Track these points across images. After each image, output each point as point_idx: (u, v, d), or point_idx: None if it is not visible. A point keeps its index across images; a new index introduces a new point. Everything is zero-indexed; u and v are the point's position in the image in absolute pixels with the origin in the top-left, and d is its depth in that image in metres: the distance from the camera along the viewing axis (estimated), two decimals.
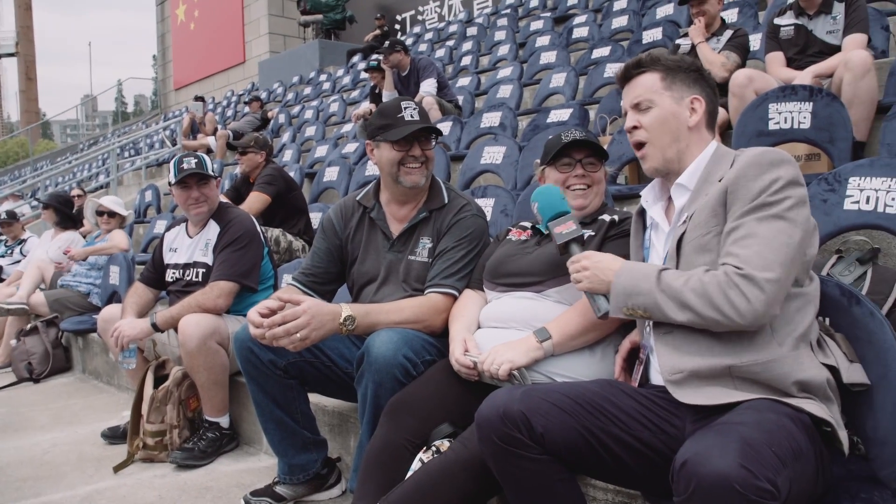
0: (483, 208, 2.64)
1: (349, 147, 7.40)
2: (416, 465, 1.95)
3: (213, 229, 3.51)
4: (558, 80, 6.83)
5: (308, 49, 16.70)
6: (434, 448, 1.96)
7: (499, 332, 2.14)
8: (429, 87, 6.94)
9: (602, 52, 7.37)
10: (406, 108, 2.50)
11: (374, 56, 8.24)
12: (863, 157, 3.38)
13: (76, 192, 8.45)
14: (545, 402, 1.66)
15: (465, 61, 10.31)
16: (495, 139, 5.01)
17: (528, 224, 2.45)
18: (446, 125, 6.33)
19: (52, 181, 14.71)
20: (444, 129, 6.04)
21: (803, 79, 3.84)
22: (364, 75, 11.54)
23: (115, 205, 5.93)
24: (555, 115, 5.34)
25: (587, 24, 8.96)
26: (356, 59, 14.21)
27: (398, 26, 17.60)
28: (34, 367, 5.21)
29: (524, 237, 2.38)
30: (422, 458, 1.95)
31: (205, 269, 3.47)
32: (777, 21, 4.26)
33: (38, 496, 2.94)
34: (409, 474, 1.93)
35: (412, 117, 2.48)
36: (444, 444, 1.96)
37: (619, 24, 8.39)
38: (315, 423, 2.69)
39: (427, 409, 2.06)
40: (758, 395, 1.58)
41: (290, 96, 14.47)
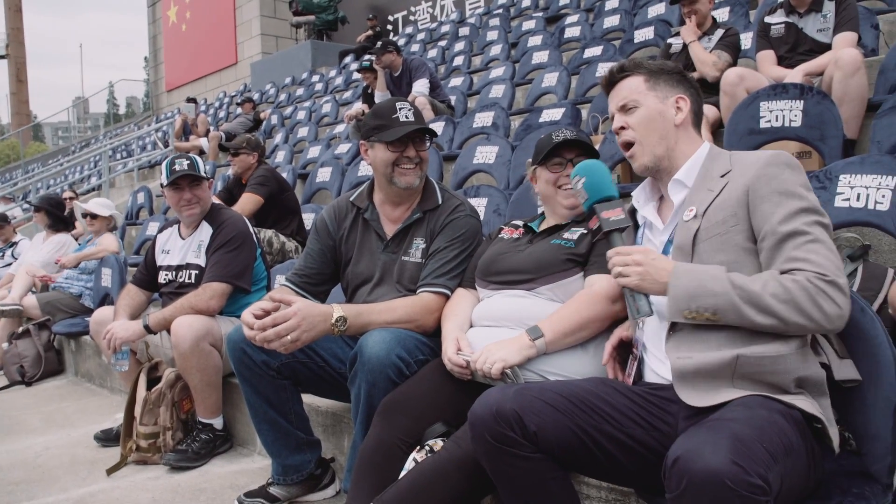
0: (476, 208, 2.63)
1: (342, 148, 7.39)
2: (409, 464, 1.95)
3: (205, 231, 3.51)
4: (550, 79, 6.84)
5: (300, 50, 16.69)
6: (427, 447, 1.96)
7: (491, 330, 2.14)
8: (421, 87, 6.94)
9: (594, 51, 7.39)
10: (401, 108, 2.49)
11: (367, 57, 8.25)
12: (853, 154, 3.39)
13: (68, 195, 8.42)
14: (538, 400, 1.66)
15: (458, 61, 10.32)
16: (488, 139, 5.01)
17: (519, 223, 2.45)
18: (439, 125, 6.33)
19: (43, 184, 14.70)
20: (436, 130, 6.03)
21: (794, 77, 3.86)
22: (356, 76, 11.55)
23: (99, 206, 5.84)
24: (547, 115, 5.35)
25: (579, 23, 8.99)
26: (348, 59, 14.21)
27: (390, 27, 17.60)
28: (26, 369, 5.19)
29: (516, 235, 2.38)
30: (415, 457, 1.95)
31: (197, 271, 3.46)
32: (768, 19, 4.28)
33: (30, 499, 2.93)
34: (402, 474, 1.93)
35: (407, 118, 2.48)
36: (438, 444, 1.96)
37: (611, 23, 8.41)
38: (308, 423, 2.69)
39: (420, 408, 2.06)
40: (751, 392, 1.59)
41: (283, 97, 14.45)
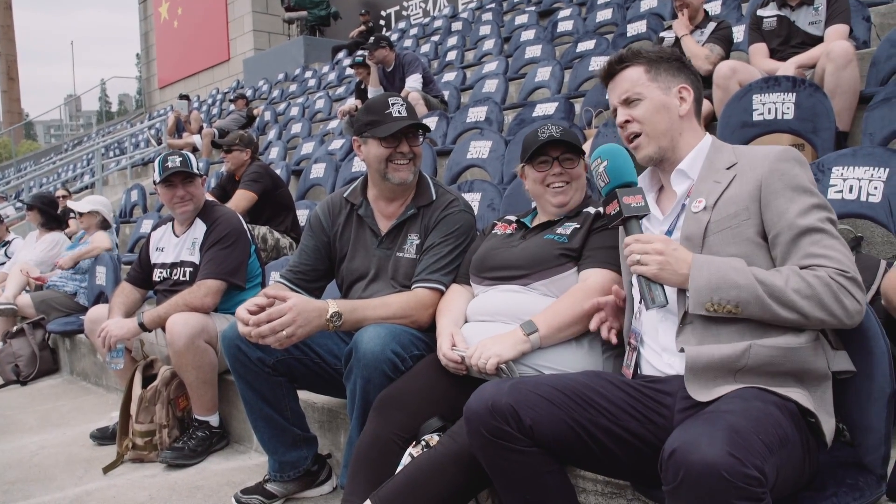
0: (470, 203, 2.63)
1: (335, 144, 7.38)
2: (405, 459, 1.95)
3: (199, 228, 3.50)
4: (543, 73, 6.84)
5: (293, 46, 16.64)
6: (423, 442, 1.97)
7: (486, 325, 2.14)
8: (414, 82, 6.92)
9: (587, 45, 7.39)
10: (393, 104, 2.48)
11: (360, 52, 8.24)
12: (846, 146, 3.40)
13: (61, 193, 8.39)
14: (533, 394, 1.66)
15: (451, 56, 10.31)
16: (481, 134, 5.01)
17: (512, 218, 2.45)
18: (432, 120, 6.32)
19: (36, 182, 14.64)
20: (429, 125, 6.03)
21: (786, 70, 3.87)
22: (349, 71, 11.51)
23: (87, 204, 5.82)
24: (540, 109, 5.35)
25: (572, 17, 8.98)
26: (341, 55, 14.18)
27: (383, 22, 17.55)
28: (21, 369, 5.18)
29: (509, 231, 2.38)
30: (411, 452, 1.95)
31: (192, 269, 3.46)
32: (760, 12, 4.28)
33: (27, 498, 2.93)
34: (398, 469, 1.93)
35: (400, 113, 2.47)
36: (434, 439, 1.97)
37: (604, 17, 8.40)
38: (305, 419, 2.69)
39: (416, 403, 2.06)
40: (748, 384, 1.59)
41: (276, 93, 14.42)
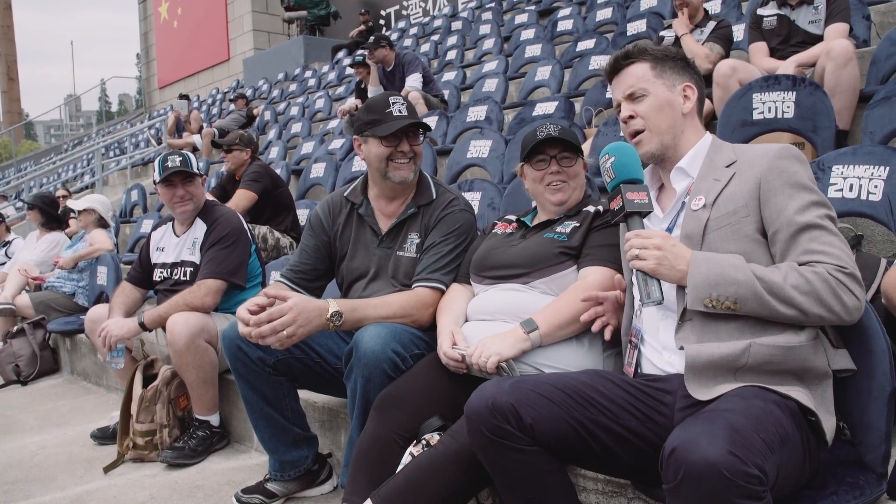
0: (470, 202, 2.63)
1: (335, 143, 7.38)
2: (406, 458, 1.95)
3: (199, 228, 3.50)
4: (543, 73, 6.84)
5: (293, 45, 16.63)
6: (424, 441, 1.97)
7: (486, 324, 2.14)
8: (414, 81, 6.92)
9: (587, 44, 7.39)
10: (394, 103, 2.48)
11: (360, 52, 8.24)
12: (846, 145, 3.40)
13: (61, 193, 8.38)
14: (534, 393, 1.66)
15: (451, 56, 10.31)
16: (481, 133, 5.01)
17: (512, 217, 2.45)
18: (432, 120, 6.32)
19: (36, 182, 14.65)
20: (430, 124, 6.02)
21: (786, 68, 3.86)
22: (349, 71, 11.51)
23: (84, 202, 5.82)
24: (540, 108, 5.35)
25: (572, 16, 8.98)
26: (341, 54, 14.18)
27: (383, 21, 17.55)
28: (21, 369, 5.18)
29: (509, 230, 2.39)
30: (412, 451, 1.95)
31: (192, 268, 3.46)
32: (760, 11, 4.28)
33: (27, 498, 2.93)
34: (399, 468, 1.93)
35: (400, 112, 2.47)
36: (434, 438, 1.96)
37: (604, 16, 8.39)
38: (305, 419, 2.69)
39: (416, 402, 2.06)
40: (748, 383, 1.59)
41: (276, 93, 14.42)
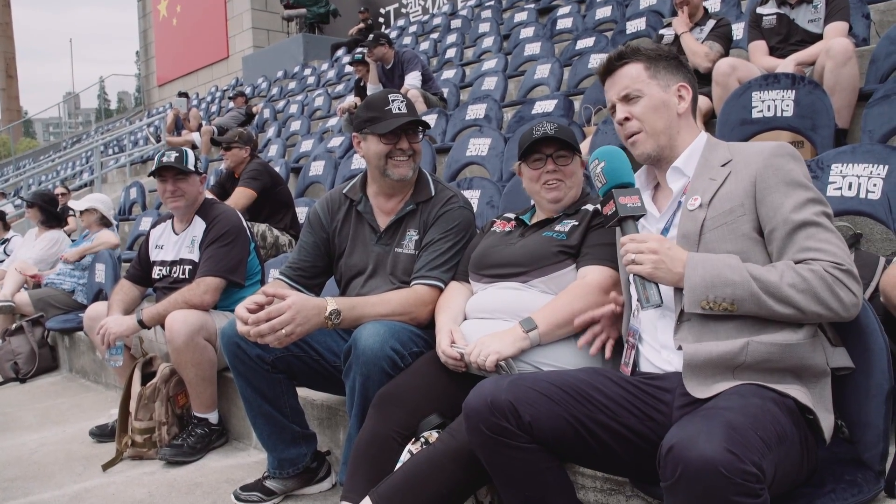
0: (469, 200, 2.63)
1: (334, 141, 7.38)
2: (405, 456, 1.95)
3: (199, 226, 3.50)
4: (543, 71, 6.84)
5: (292, 43, 16.64)
6: (423, 439, 1.97)
7: (485, 322, 2.14)
8: (413, 79, 6.92)
9: (586, 42, 7.39)
10: (393, 100, 2.48)
11: (359, 49, 8.23)
12: (845, 143, 3.40)
13: (60, 191, 8.38)
14: (532, 391, 1.66)
15: (450, 54, 10.30)
16: (480, 131, 5.01)
17: (511, 215, 2.45)
18: (431, 118, 6.32)
19: (35, 180, 14.64)
20: (429, 122, 6.02)
21: (786, 67, 3.86)
22: (349, 69, 11.51)
23: (85, 201, 5.82)
24: (540, 107, 5.35)
25: (571, 14, 8.97)
26: (340, 52, 14.18)
27: (382, 19, 17.56)
28: (20, 366, 5.18)
29: (508, 228, 2.38)
30: (410, 449, 1.95)
31: (191, 266, 3.45)
32: (759, 10, 4.28)
33: (26, 496, 2.93)
34: (398, 466, 1.93)
35: (399, 110, 2.47)
36: (433, 436, 1.96)
37: (603, 14, 8.39)
38: (304, 416, 2.69)
39: (415, 400, 2.06)
40: (747, 381, 1.59)
41: (275, 91, 14.42)
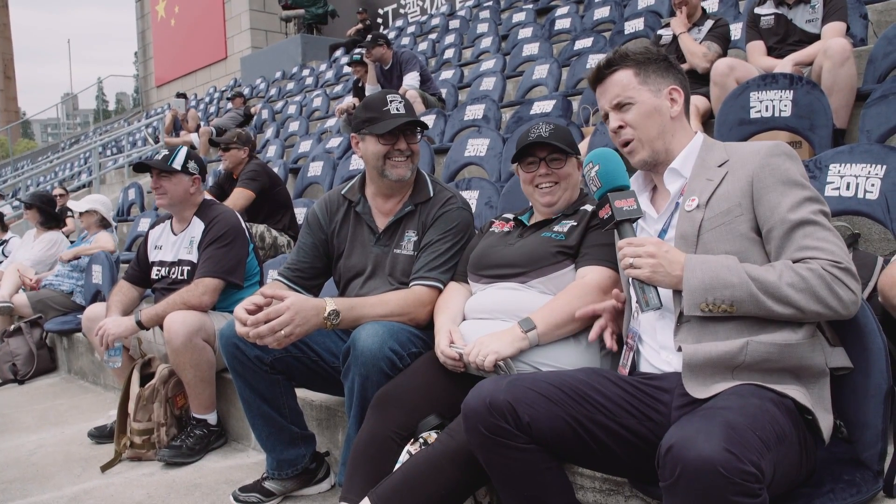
0: (468, 200, 2.63)
1: (333, 142, 7.37)
2: (403, 457, 1.95)
3: (197, 226, 3.49)
4: (541, 71, 6.83)
5: (290, 44, 16.63)
6: (421, 440, 1.97)
7: (484, 323, 2.14)
8: (412, 80, 6.92)
9: (584, 42, 7.38)
10: (392, 101, 2.48)
11: (357, 50, 8.23)
12: (843, 143, 3.41)
13: (58, 192, 8.37)
14: (531, 391, 1.66)
15: (448, 54, 10.30)
16: (479, 131, 5.01)
17: (510, 216, 2.45)
18: (430, 118, 6.32)
19: (33, 181, 14.61)
20: (427, 123, 6.02)
21: (784, 67, 3.87)
22: (347, 69, 11.51)
23: (85, 203, 5.83)
24: (538, 107, 5.35)
25: (569, 15, 8.97)
26: (339, 53, 14.18)
27: (380, 20, 17.56)
28: (18, 368, 5.17)
29: (507, 229, 2.38)
30: (409, 450, 1.96)
31: (190, 267, 3.45)
32: (757, 10, 4.28)
33: (25, 497, 2.92)
34: (396, 466, 1.93)
35: (398, 110, 2.47)
36: (432, 436, 1.97)
37: (601, 14, 8.39)
38: (303, 417, 2.69)
39: (414, 401, 2.06)
40: (745, 381, 1.59)
41: (273, 92, 14.41)
